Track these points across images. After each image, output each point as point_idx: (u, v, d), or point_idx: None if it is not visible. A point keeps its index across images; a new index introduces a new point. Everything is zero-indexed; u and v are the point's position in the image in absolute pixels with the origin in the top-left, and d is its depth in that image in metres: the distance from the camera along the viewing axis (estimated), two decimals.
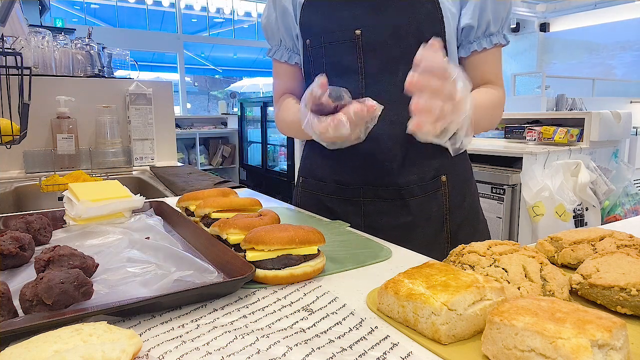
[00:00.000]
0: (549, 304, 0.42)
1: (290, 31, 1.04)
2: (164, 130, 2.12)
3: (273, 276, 0.61)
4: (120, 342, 0.42)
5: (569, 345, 0.36)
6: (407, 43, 0.90)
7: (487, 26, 0.93)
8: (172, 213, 0.94)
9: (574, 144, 2.89)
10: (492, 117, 0.97)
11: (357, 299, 0.58)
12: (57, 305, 0.49)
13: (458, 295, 0.46)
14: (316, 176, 1.07)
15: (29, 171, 1.78)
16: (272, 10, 1.05)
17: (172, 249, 0.70)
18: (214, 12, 9.03)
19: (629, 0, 6.98)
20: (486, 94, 0.94)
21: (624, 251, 0.58)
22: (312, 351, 0.45)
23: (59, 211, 0.93)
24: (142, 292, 0.55)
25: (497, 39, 0.94)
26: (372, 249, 0.77)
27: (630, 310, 0.50)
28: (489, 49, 0.94)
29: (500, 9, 0.93)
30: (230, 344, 0.46)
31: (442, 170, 0.98)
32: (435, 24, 0.90)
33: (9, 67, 1.13)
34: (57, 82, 1.87)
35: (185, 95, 7.79)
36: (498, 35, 0.95)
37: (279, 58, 1.08)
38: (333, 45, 0.96)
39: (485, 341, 0.43)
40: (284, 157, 5.23)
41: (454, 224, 0.99)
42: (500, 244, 0.60)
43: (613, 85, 7.38)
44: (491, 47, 0.94)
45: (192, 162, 6.23)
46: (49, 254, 0.58)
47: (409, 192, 0.96)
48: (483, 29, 0.93)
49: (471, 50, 0.95)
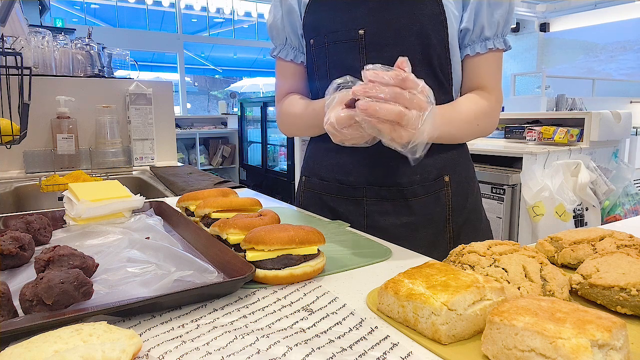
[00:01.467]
0: (549, 304, 0.42)
1: (296, 30, 1.04)
2: (164, 130, 2.12)
3: (273, 276, 0.61)
4: (120, 342, 0.42)
5: (569, 345, 0.36)
6: (410, 43, 0.90)
7: (482, 30, 0.92)
8: (172, 213, 0.94)
9: (574, 144, 2.89)
10: (477, 128, 0.95)
11: (357, 299, 0.58)
12: (57, 305, 0.49)
13: (458, 295, 0.46)
14: (319, 175, 1.07)
15: (29, 171, 1.78)
16: (279, 9, 1.05)
17: (172, 249, 0.70)
18: (214, 12, 9.03)
19: (629, 0, 6.98)
20: (469, 105, 0.93)
21: (624, 251, 0.58)
22: (312, 351, 0.45)
23: (59, 211, 0.93)
24: (142, 292, 0.55)
25: (493, 44, 0.93)
26: (372, 249, 0.77)
27: (630, 310, 0.50)
28: (482, 54, 0.93)
29: (495, 13, 0.91)
30: (230, 344, 0.46)
31: (445, 170, 0.98)
32: (438, 25, 0.90)
33: (9, 67, 1.13)
34: (57, 82, 1.87)
35: (185, 95, 7.80)
36: (495, 39, 0.93)
37: (284, 57, 1.08)
38: (336, 45, 0.96)
39: (485, 341, 0.43)
40: (284, 157, 5.24)
41: (456, 224, 0.99)
42: (500, 244, 0.60)
43: (613, 85, 7.38)
44: (485, 52, 0.93)
45: (192, 162, 6.23)
46: (49, 254, 0.58)
47: (412, 192, 0.96)
48: (477, 33, 0.92)
49: (465, 54, 0.95)
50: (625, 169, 3.02)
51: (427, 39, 0.90)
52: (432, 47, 0.90)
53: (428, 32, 0.90)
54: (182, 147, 6.23)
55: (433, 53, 0.91)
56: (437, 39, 0.90)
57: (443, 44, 0.91)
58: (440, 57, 0.92)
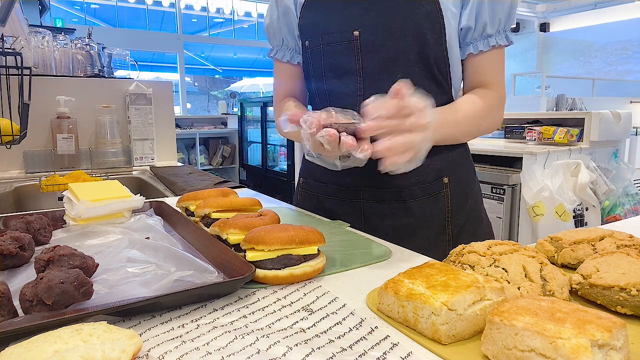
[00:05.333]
0: (549, 304, 0.42)
1: (293, 31, 1.04)
2: (164, 130, 2.12)
3: (273, 276, 0.61)
4: (120, 342, 0.42)
5: (569, 345, 0.36)
6: (406, 43, 0.89)
7: (484, 28, 0.91)
8: (172, 213, 0.94)
9: (574, 144, 2.89)
10: (479, 127, 0.95)
11: (357, 299, 0.58)
12: (57, 305, 0.49)
13: (458, 295, 0.46)
14: (316, 177, 1.07)
15: (29, 171, 1.78)
16: (275, 10, 1.05)
17: (172, 249, 0.70)
18: (214, 12, 9.03)
19: (629, 0, 6.98)
20: (470, 105, 0.93)
21: (624, 251, 0.58)
22: (312, 351, 0.45)
23: (59, 211, 0.93)
24: (142, 292, 0.55)
25: (496, 41, 0.92)
26: (372, 249, 0.77)
27: (630, 310, 0.50)
28: (485, 52, 0.92)
29: (498, 10, 0.90)
30: (230, 344, 0.46)
31: (444, 171, 0.97)
32: (435, 24, 0.89)
33: (9, 67, 1.13)
34: (57, 82, 1.87)
35: (185, 95, 7.80)
36: (498, 36, 0.92)
37: (280, 58, 1.08)
38: (331, 47, 0.95)
39: (485, 341, 0.43)
40: (284, 157, 5.23)
41: (455, 226, 0.98)
42: (500, 244, 0.60)
43: (613, 85, 7.38)
44: (488, 50, 0.92)
45: (192, 162, 6.23)
46: (49, 254, 0.58)
47: (410, 194, 0.96)
48: (480, 31, 0.91)
49: (467, 52, 0.94)
50: (625, 169, 3.02)
51: (424, 38, 0.89)
52: (429, 47, 0.89)
53: (424, 32, 0.89)
54: (182, 147, 6.23)
55: (430, 52, 0.90)
56: (434, 38, 0.89)
57: (440, 43, 0.90)
58: (438, 56, 0.91)
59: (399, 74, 0.90)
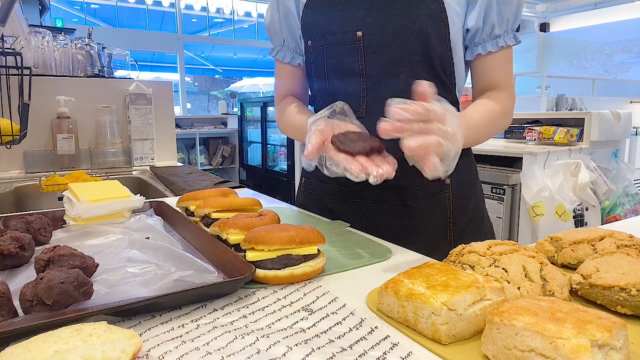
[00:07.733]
0: (549, 304, 0.42)
1: (294, 32, 1.04)
2: (164, 130, 2.12)
3: (273, 276, 0.61)
4: (120, 342, 0.42)
5: (569, 345, 0.36)
6: (409, 44, 0.89)
7: (492, 28, 0.90)
8: (172, 213, 0.94)
9: (574, 144, 2.89)
10: (491, 130, 0.95)
11: (357, 299, 0.58)
12: (57, 305, 0.49)
13: (458, 295, 0.46)
14: (318, 177, 1.07)
15: (29, 171, 1.78)
16: (275, 11, 1.04)
17: (172, 249, 0.70)
18: (214, 12, 9.02)
19: (629, 0, 6.98)
20: (484, 109, 0.92)
21: (624, 251, 0.58)
22: (312, 351, 0.45)
23: (59, 211, 0.93)
24: (142, 292, 0.55)
25: (504, 41, 0.91)
26: (372, 249, 0.77)
27: (630, 310, 0.50)
28: (494, 52, 0.92)
29: (505, 10, 0.90)
30: (230, 344, 0.46)
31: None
32: (439, 25, 0.88)
33: (9, 67, 1.13)
34: (57, 82, 1.87)
35: (185, 95, 7.79)
36: (506, 36, 0.92)
37: (281, 59, 1.08)
38: (334, 47, 0.95)
39: (485, 341, 0.43)
40: (284, 157, 5.24)
41: (457, 227, 0.98)
42: (500, 244, 0.60)
43: (613, 85, 7.37)
44: (497, 50, 0.91)
45: (192, 162, 6.23)
46: (49, 254, 0.58)
47: (412, 194, 0.95)
48: (488, 32, 0.91)
49: (476, 53, 0.93)
50: (625, 169, 3.02)
51: (427, 38, 0.88)
52: (433, 47, 0.89)
53: (428, 32, 0.88)
54: (182, 147, 6.23)
55: (434, 53, 0.89)
56: (438, 38, 0.89)
57: (444, 43, 0.90)
58: (442, 56, 0.90)
59: (402, 75, 0.90)
